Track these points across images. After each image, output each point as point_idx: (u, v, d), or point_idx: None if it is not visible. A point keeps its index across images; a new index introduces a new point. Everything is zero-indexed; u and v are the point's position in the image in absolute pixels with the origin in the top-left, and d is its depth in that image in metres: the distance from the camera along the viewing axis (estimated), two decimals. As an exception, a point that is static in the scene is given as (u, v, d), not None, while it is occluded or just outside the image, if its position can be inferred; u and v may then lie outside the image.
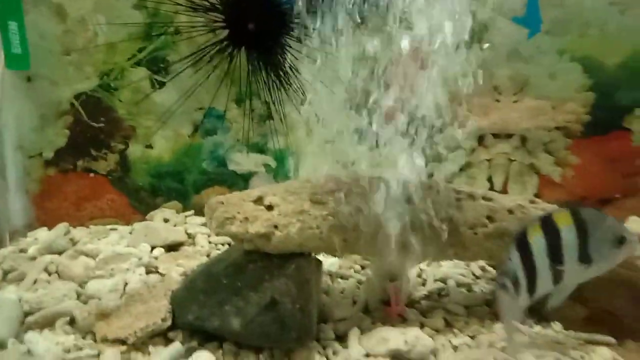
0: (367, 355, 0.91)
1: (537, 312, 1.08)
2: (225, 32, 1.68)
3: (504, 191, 1.92)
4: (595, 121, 1.86)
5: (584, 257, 0.83)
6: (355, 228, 0.95)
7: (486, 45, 1.89)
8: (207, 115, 1.77)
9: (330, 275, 1.26)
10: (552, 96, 1.88)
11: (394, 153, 1.01)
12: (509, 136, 1.92)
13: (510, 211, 1.02)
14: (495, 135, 1.92)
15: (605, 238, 0.83)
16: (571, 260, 0.83)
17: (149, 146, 1.76)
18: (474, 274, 1.30)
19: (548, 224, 0.85)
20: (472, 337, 0.97)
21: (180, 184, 1.80)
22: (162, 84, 1.72)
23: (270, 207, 0.95)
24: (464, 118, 1.86)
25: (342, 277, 1.26)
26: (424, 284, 1.24)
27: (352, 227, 0.94)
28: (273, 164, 1.80)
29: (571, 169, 1.90)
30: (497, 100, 1.92)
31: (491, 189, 1.94)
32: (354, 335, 0.96)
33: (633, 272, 0.98)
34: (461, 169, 1.95)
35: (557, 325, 1.00)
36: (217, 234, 0.96)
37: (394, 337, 0.91)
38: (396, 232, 0.94)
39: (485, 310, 1.10)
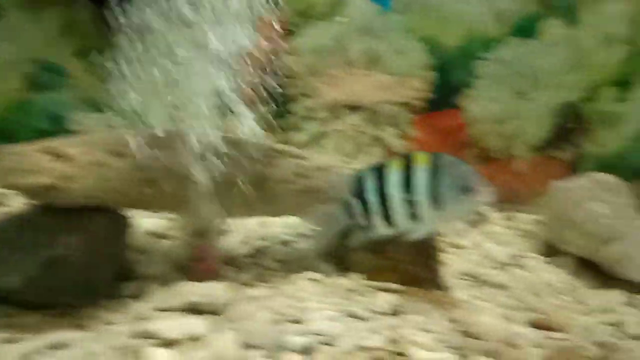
0: (159, 309, 0.91)
1: (341, 261, 1.18)
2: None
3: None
4: (434, 98, 2.04)
5: (434, 199, 0.86)
6: (158, 182, 0.94)
7: (341, 19, 1.97)
8: (42, 68, 1.62)
9: (155, 234, 1.25)
10: (398, 72, 2.02)
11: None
12: (359, 109, 2.02)
13: (321, 169, 1.08)
14: (347, 108, 2.02)
15: (454, 184, 0.86)
16: (422, 199, 0.86)
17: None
18: (301, 232, 1.36)
19: (406, 162, 0.88)
20: (273, 290, 1.02)
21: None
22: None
23: (64, 158, 0.90)
24: (318, 89, 1.93)
25: (165, 237, 1.25)
26: (247, 242, 1.27)
27: (154, 181, 0.93)
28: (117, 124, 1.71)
29: (412, 142, 2.07)
30: (350, 75, 2.01)
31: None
32: (152, 291, 0.96)
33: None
34: (314, 139, 2.02)
35: (356, 276, 1.09)
36: (3, 187, 0.89)
37: (188, 291, 0.92)
38: (200, 187, 0.95)
39: (298, 264, 1.16)
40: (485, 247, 1.40)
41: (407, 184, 0.87)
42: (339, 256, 1.21)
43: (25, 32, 1.51)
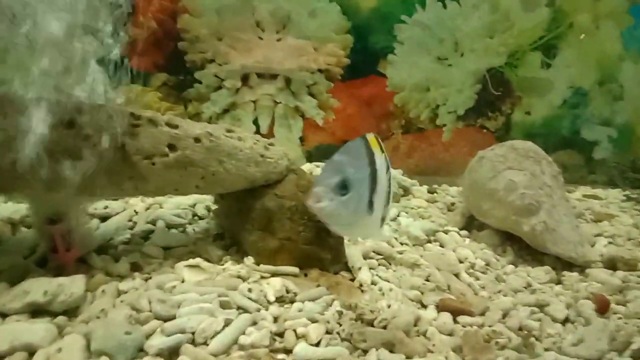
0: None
1: (237, 247, 1.03)
2: None
3: (270, 134, 1.88)
4: (353, 65, 1.91)
5: None
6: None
7: (248, -24, 1.78)
8: None
9: (12, 224, 1.04)
10: (312, 36, 1.86)
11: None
12: (273, 77, 1.86)
13: (197, 139, 0.91)
14: (260, 75, 1.84)
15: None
16: None
17: None
18: (196, 215, 1.21)
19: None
20: (146, 280, 0.86)
21: None
22: None
23: None
24: (225, 55, 1.74)
25: (28, 227, 1.05)
26: (132, 228, 1.09)
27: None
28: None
29: (332, 112, 1.94)
30: (260, 38, 1.83)
31: (257, 132, 1.88)
32: (-5, 291, 0.77)
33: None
34: (226, 110, 1.84)
35: (249, 260, 0.95)
36: None
37: (35, 289, 0.75)
38: (44, 162, 0.76)
39: (186, 250, 1.01)
40: (403, 222, 1.29)
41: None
42: (233, 238, 1.06)
43: None
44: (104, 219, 1.11)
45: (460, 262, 1.10)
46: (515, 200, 1.18)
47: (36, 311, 0.75)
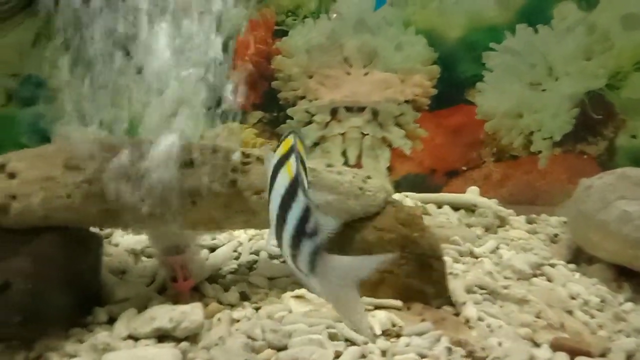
0: (130, 337, 0.81)
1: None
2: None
3: (357, 165, 1.91)
4: (441, 94, 1.90)
5: None
6: (120, 196, 0.83)
7: (334, 16, 1.86)
8: (24, 82, 1.56)
9: (135, 254, 1.15)
10: (399, 68, 1.89)
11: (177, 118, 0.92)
12: (361, 109, 1.90)
13: (302, 175, 0.96)
14: (348, 109, 1.89)
15: None
16: None
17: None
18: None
19: None
20: (257, 309, 0.90)
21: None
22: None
23: (11, 175, 0.81)
24: (315, 91, 1.82)
25: (149, 256, 1.15)
26: (237, 258, 1.16)
27: (115, 195, 0.83)
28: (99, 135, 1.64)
29: (420, 142, 1.93)
30: (348, 73, 1.89)
31: (345, 163, 1.92)
32: (124, 317, 0.85)
33: (417, 233, 0.97)
34: (316, 143, 1.90)
35: (352, 292, 0.96)
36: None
37: (161, 316, 0.82)
38: (165, 200, 0.85)
39: (289, 281, 1.04)
40: (504, 255, 1.25)
41: None
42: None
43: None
44: (212, 249, 1.19)
45: (572, 298, 1.03)
46: (630, 233, 1.10)
47: (162, 336, 0.82)
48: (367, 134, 1.90)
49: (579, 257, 1.26)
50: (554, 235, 1.42)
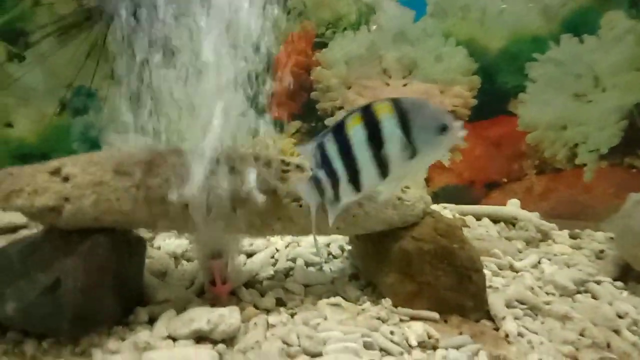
0: (169, 337, 0.83)
1: (372, 287, 1.05)
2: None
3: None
4: (481, 105, 1.87)
5: (407, 146, 0.73)
6: (164, 201, 0.87)
7: (374, 27, 1.87)
8: (76, 93, 1.64)
9: (176, 257, 1.18)
10: (439, 79, 1.88)
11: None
12: (399, 120, 1.89)
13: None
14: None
15: (427, 126, 0.73)
16: (394, 150, 0.73)
17: (9, 125, 1.62)
18: (331, 254, 1.25)
19: (367, 115, 0.75)
20: (292, 315, 0.91)
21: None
22: (21, 58, 1.58)
23: (66, 179, 0.85)
24: (353, 102, 1.84)
25: (188, 260, 1.18)
26: (274, 264, 1.18)
27: (160, 199, 0.86)
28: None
29: (459, 153, 1.91)
30: (387, 84, 1.89)
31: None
32: (165, 317, 0.88)
33: (456, 244, 0.96)
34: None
35: (387, 302, 0.96)
36: (3, 209, 0.85)
37: (199, 318, 0.84)
38: (209, 205, 0.87)
39: (324, 288, 1.05)
40: (546, 269, 1.21)
41: (373, 138, 0.74)
42: (369, 279, 1.08)
43: (55, 57, 1.53)
44: (249, 255, 1.21)
45: (620, 317, 0.99)
46: (684, 250, 1.05)
47: (200, 337, 0.84)
48: (405, 145, 1.90)
49: (627, 275, 1.21)
50: (600, 251, 1.36)
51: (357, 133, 0.75)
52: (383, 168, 0.75)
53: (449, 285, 0.94)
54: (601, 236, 1.52)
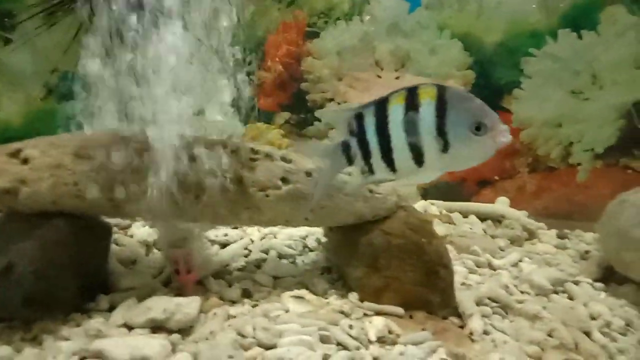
0: (125, 325, 0.82)
1: (343, 281, 1.03)
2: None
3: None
4: (476, 100, 1.83)
5: (438, 138, 0.70)
6: (126, 187, 0.85)
7: (367, 18, 1.84)
8: (64, 78, 1.64)
9: (147, 245, 1.17)
10: (433, 73, 1.84)
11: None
12: (390, 113, 1.86)
13: (309, 173, 0.94)
14: (377, 112, 1.86)
15: (462, 120, 0.69)
16: (426, 139, 0.70)
17: (-5, 109, 1.62)
18: (307, 246, 1.23)
19: (412, 96, 0.72)
20: (254, 306, 0.90)
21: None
22: (8, 41, 1.58)
23: (25, 161, 0.84)
24: (345, 94, 1.81)
25: (160, 248, 1.17)
26: (247, 256, 1.16)
27: (121, 185, 0.85)
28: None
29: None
30: (379, 76, 1.86)
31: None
32: (124, 305, 0.87)
33: (425, 239, 0.93)
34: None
35: (353, 296, 0.94)
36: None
37: (156, 306, 0.82)
38: (172, 192, 0.86)
39: (294, 281, 1.03)
40: (525, 268, 1.18)
41: (412, 121, 0.71)
42: (340, 272, 1.06)
43: (42, 40, 1.52)
44: (223, 245, 1.19)
45: (593, 318, 0.96)
46: (665, 252, 1.01)
47: (156, 327, 0.82)
48: (396, 139, 1.87)
49: (609, 277, 1.17)
50: (585, 252, 1.33)
51: (396, 112, 0.72)
52: (417, 155, 0.72)
53: (416, 281, 0.92)
54: (590, 237, 1.49)
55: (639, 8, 1.75)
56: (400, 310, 0.89)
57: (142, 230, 1.21)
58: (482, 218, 1.59)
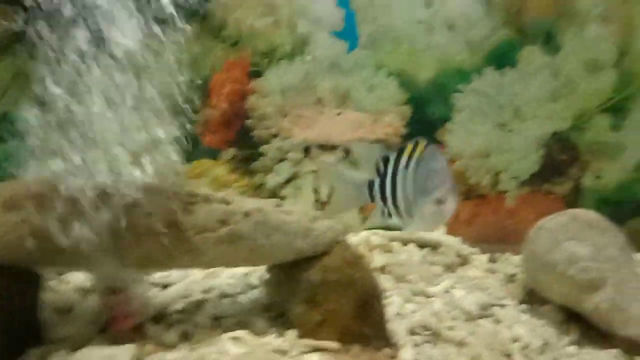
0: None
1: (285, 318, 1.05)
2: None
3: (330, 202, 1.94)
4: (412, 134, 1.94)
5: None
6: (58, 236, 0.85)
7: (309, 58, 1.93)
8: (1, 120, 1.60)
9: (85, 291, 1.16)
10: (371, 109, 1.94)
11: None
12: (333, 148, 1.94)
13: (247, 214, 0.98)
14: (321, 147, 1.93)
15: (421, 184, 0.77)
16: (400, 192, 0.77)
17: None
18: (250, 284, 1.25)
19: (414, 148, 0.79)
20: (191, 350, 0.91)
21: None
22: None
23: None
24: (288, 130, 1.87)
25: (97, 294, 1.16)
26: (188, 297, 1.17)
27: (52, 235, 0.85)
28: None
29: (391, 180, 1.96)
30: (321, 113, 1.94)
31: (317, 199, 1.95)
32: (54, 358, 0.86)
33: (360, 273, 0.98)
34: (288, 180, 1.94)
35: (293, 333, 0.97)
36: None
37: (88, 358, 0.82)
38: (107, 239, 0.87)
39: (234, 320, 1.05)
40: (457, 294, 1.25)
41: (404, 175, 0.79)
42: (281, 309, 1.09)
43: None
44: (164, 286, 1.20)
45: (515, 341, 1.03)
46: (576, 275, 1.11)
47: (89, 379, 0.82)
48: (339, 172, 1.94)
49: (533, 298, 1.27)
50: (512, 275, 1.43)
51: (402, 162, 0.77)
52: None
53: (351, 314, 0.96)
54: (517, 260, 1.59)
55: (551, 49, 1.94)
56: (335, 345, 0.93)
57: (78, 276, 1.20)
58: (421, 246, 1.67)
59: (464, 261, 1.56)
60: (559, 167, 1.97)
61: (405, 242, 1.68)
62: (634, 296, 1.10)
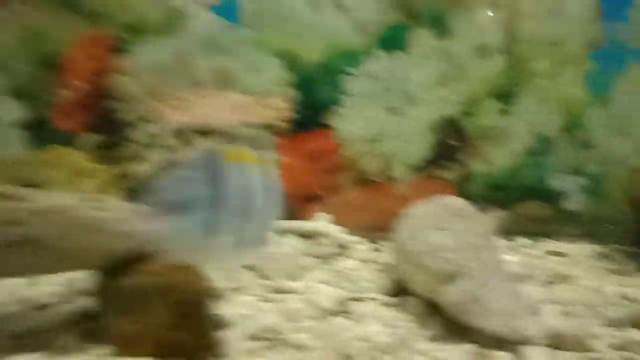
0: None
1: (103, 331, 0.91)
2: None
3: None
4: (299, 118, 1.84)
5: None
6: None
7: (184, 34, 1.76)
8: None
9: None
10: (254, 91, 1.81)
11: None
12: (212, 133, 1.79)
13: (45, 213, 0.82)
14: (199, 132, 1.78)
15: None
16: None
17: None
18: (71, 292, 1.08)
19: None
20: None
21: None
22: None
23: None
24: (160, 113, 1.69)
25: None
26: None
27: None
28: None
29: (279, 168, 1.85)
30: (199, 95, 1.78)
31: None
32: None
33: (184, 275, 0.86)
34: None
35: (109, 349, 0.83)
36: None
37: None
38: None
39: (44, 336, 0.89)
40: (318, 289, 1.17)
41: None
42: (100, 320, 0.94)
43: None
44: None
45: (364, 339, 0.96)
46: (433, 265, 1.05)
47: None
48: (221, 159, 1.80)
49: (400, 290, 1.20)
50: (388, 265, 1.36)
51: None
52: None
53: (172, 325, 0.83)
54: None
55: (440, 32, 1.90)
56: (152, 360, 0.81)
57: None
58: (301, 236, 1.57)
59: (343, 251, 1.48)
60: (449, 152, 1.94)
61: (281, 233, 1.58)
62: (491, 288, 1.06)
